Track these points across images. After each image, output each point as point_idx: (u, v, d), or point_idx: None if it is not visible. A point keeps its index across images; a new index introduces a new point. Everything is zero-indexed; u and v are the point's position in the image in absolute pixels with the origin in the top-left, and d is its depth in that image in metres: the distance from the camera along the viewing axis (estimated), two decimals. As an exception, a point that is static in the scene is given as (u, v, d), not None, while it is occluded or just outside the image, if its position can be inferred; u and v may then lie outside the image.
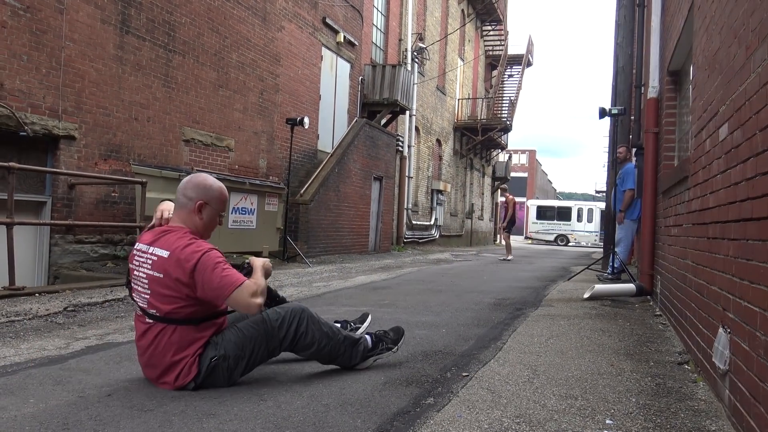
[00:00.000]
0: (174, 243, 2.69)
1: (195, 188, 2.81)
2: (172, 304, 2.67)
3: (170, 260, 2.65)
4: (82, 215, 7.73)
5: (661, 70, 5.93)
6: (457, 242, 25.66)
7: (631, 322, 5.06)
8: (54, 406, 2.48)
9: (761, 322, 2.05)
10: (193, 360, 2.71)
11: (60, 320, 4.62)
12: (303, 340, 2.90)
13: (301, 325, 2.88)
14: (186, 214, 2.81)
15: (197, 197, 2.79)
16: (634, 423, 2.48)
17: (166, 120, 9.12)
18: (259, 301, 2.67)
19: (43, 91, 7.14)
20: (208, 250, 2.68)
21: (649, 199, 6.35)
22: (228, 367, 2.74)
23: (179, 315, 2.69)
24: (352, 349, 3.09)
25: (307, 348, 2.94)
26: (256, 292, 2.67)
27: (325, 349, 2.98)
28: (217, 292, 2.63)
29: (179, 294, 2.65)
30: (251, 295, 2.65)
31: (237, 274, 2.68)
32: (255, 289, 2.67)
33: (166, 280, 2.65)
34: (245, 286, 2.65)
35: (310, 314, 2.94)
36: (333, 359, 3.07)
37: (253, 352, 2.79)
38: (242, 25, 10.88)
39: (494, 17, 28.61)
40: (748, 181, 2.28)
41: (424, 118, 21.13)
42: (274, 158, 12.14)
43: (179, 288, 2.64)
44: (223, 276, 2.63)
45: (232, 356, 2.74)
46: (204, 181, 2.85)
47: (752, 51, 2.29)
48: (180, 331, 2.69)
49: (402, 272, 9.75)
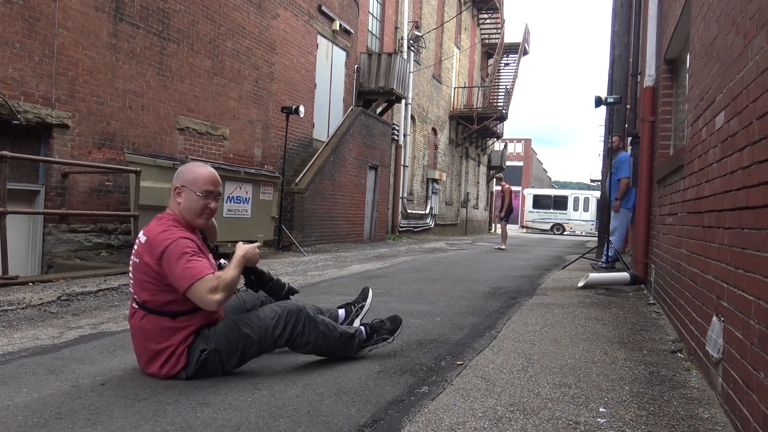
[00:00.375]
0: (153, 229, 2.72)
1: (177, 175, 2.87)
2: (147, 291, 2.68)
3: (145, 245, 2.68)
4: (75, 204, 7.69)
5: (657, 59, 5.91)
6: (452, 231, 25.68)
7: (625, 311, 5.08)
8: (47, 396, 2.48)
9: (755, 311, 2.05)
10: (182, 350, 2.70)
11: (53, 309, 4.60)
12: (299, 340, 2.88)
13: (297, 326, 2.85)
14: (172, 201, 2.86)
15: (175, 183, 2.85)
16: (627, 411, 2.49)
17: (161, 108, 9.06)
18: (218, 297, 2.55)
19: (36, 79, 7.08)
20: (178, 238, 2.64)
21: (644, 188, 6.35)
22: (220, 360, 2.74)
23: (155, 304, 2.68)
24: (347, 344, 3.08)
25: (303, 346, 2.94)
26: (216, 288, 2.55)
27: (321, 347, 2.98)
28: (177, 284, 2.59)
29: (152, 280, 2.66)
30: (209, 290, 2.54)
31: (200, 267, 2.58)
32: (215, 284, 2.55)
33: (141, 265, 2.69)
34: (204, 281, 2.55)
35: (307, 314, 2.90)
36: (329, 354, 3.07)
37: (245, 348, 2.77)
38: (237, 12, 10.79)
39: (491, 5, 28.49)
40: (744, 170, 2.28)
41: (419, 106, 21.08)
42: (269, 147, 12.10)
43: (151, 274, 2.65)
44: (185, 267, 2.56)
45: (223, 350, 2.73)
46: (185, 168, 2.90)
47: (750, 39, 2.27)
48: (158, 320, 2.69)
49: (397, 261, 9.75)
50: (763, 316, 1.95)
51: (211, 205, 2.85)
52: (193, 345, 2.72)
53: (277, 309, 2.86)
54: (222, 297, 2.58)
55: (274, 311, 2.85)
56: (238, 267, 2.70)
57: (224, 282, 2.59)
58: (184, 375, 2.72)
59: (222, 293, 2.57)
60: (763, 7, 2.10)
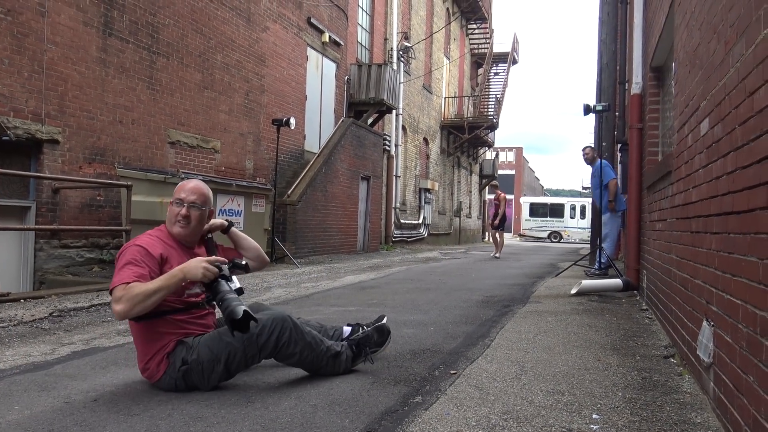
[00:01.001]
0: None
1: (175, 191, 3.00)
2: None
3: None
4: (67, 219, 7.66)
5: (644, 67, 5.97)
6: (445, 240, 25.70)
7: (617, 317, 5.10)
8: (39, 413, 2.47)
9: (743, 315, 2.07)
10: (160, 358, 2.73)
11: (46, 326, 4.58)
12: (285, 350, 2.84)
13: (283, 335, 2.81)
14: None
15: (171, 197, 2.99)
16: (620, 417, 2.50)
17: (151, 122, 9.06)
18: (118, 308, 2.51)
19: (26, 94, 7.07)
20: (131, 245, 2.75)
21: (634, 195, 6.39)
22: (203, 371, 2.72)
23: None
24: (334, 361, 3.03)
25: (289, 357, 2.90)
26: (120, 299, 2.52)
27: (307, 359, 2.93)
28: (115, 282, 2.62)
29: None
30: (114, 300, 2.54)
31: (121, 276, 2.59)
32: (120, 295, 2.52)
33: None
34: (114, 291, 2.56)
35: (293, 323, 2.87)
36: (316, 370, 3.01)
37: (229, 358, 2.74)
38: (226, 26, 10.83)
39: (479, 15, 28.68)
40: (729, 175, 2.30)
41: (410, 117, 21.15)
42: (261, 159, 12.10)
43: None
44: (115, 275, 2.64)
45: (206, 361, 2.72)
46: (181, 184, 3.02)
47: (731, 46, 2.31)
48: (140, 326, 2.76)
49: (390, 271, 9.75)
50: (751, 320, 1.97)
51: (182, 211, 2.89)
52: (174, 353, 2.73)
53: (262, 317, 2.84)
54: (121, 308, 2.52)
55: (258, 320, 2.82)
56: (165, 281, 2.61)
57: (130, 294, 2.52)
58: (170, 384, 2.73)
59: (122, 304, 2.51)
60: (742, 15, 2.14)
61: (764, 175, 1.84)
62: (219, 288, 2.67)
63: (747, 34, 2.07)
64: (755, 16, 1.96)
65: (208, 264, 2.66)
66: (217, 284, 2.67)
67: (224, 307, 2.61)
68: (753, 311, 1.95)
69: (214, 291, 2.68)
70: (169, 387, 2.74)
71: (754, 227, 1.96)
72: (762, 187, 1.87)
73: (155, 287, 2.57)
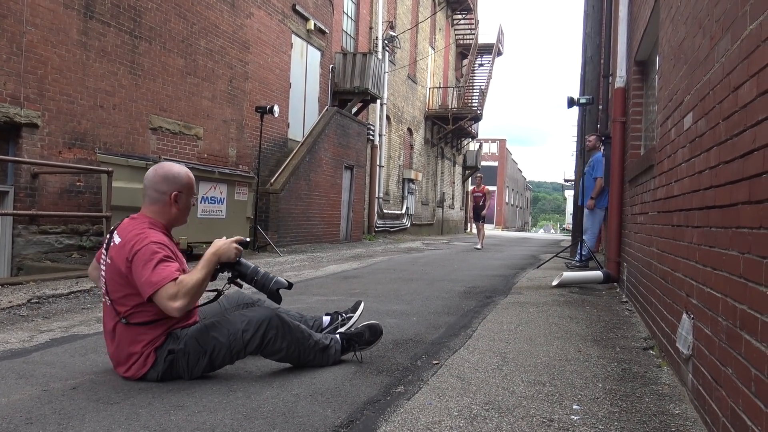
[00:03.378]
0: (127, 230, 2.69)
1: (165, 181, 2.79)
2: (119, 293, 2.65)
3: (119, 247, 2.65)
4: (46, 205, 7.55)
5: (628, 60, 6.00)
6: (428, 231, 25.76)
7: (598, 309, 5.14)
8: (17, 401, 2.43)
9: (723, 308, 2.10)
10: (149, 352, 2.68)
11: (24, 312, 4.52)
12: (271, 346, 2.83)
13: (269, 331, 2.79)
14: (160, 207, 2.80)
15: (170, 189, 2.79)
16: (600, 408, 2.52)
17: (133, 108, 8.95)
18: (177, 304, 2.49)
19: (4, 77, 6.94)
20: (149, 242, 2.61)
21: (616, 188, 6.44)
22: (187, 363, 2.71)
23: (127, 307, 2.64)
24: (322, 354, 3.01)
25: (275, 353, 2.88)
26: (176, 295, 2.49)
27: (294, 353, 2.91)
28: (142, 290, 2.56)
29: (123, 282, 2.63)
30: (169, 298, 2.49)
31: (165, 273, 2.53)
32: (174, 291, 2.49)
33: (113, 267, 2.66)
34: (165, 288, 2.50)
35: (280, 320, 2.84)
36: (303, 364, 2.98)
37: (213, 352, 2.72)
38: (210, 11, 10.70)
39: (465, 6, 28.64)
40: (712, 170, 2.32)
41: (395, 106, 21.11)
42: (244, 147, 12.01)
43: (122, 276, 2.63)
44: (152, 273, 2.52)
45: (192, 353, 2.70)
46: (171, 171, 2.83)
47: (716, 41, 2.32)
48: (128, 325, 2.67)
49: (373, 261, 9.75)
50: (731, 313, 1.99)
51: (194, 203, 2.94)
52: (162, 346, 2.69)
53: (249, 313, 2.83)
54: (182, 304, 2.51)
55: (244, 315, 2.81)
56: (206, 267, 2.62)
57: (185, 287, 2.52)
58: (154, 375, 2.70)
59: (182, 300, 2.50)
60: (728, 10, 2.15)
61: (747, 169, 1.86)
62: (246, 265, 2.81)
63: (732, 29, 2.08)
64: (741, 12, 1.97)
65: (236, 244, 2.75)
66: (240, 262, 2.79)
67: (264, 279, 2.79)
68: (733, 304, 1.97)
69: (242, 269, 2.79)
70: (151, 378, 2.71)
71: (736, 221, 1.98)
72: (744, 182, 1.89)
73: (203, 276, 2.60)
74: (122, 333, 2.68)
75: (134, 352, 2.68)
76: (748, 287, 1.81)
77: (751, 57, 1.85)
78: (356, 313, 3.47)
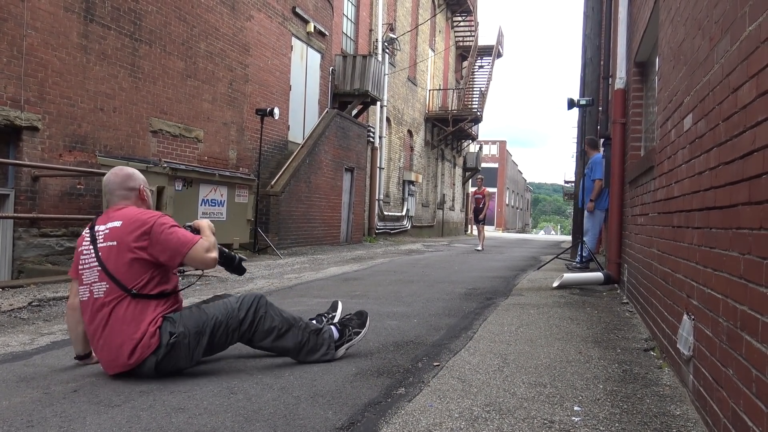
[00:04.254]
0: (128, 214, 2.85)
1: (130, 179, 2.98)
2: (128, 269, 2.74)
3: (124, 227, 2.78)
4: (46, 208, 7.56)
5: (628, 62, 6.00)
6: (428, 233, 25.76)
7: (598, 310, 5.14)
8: (18, 404, 2.43)
9: (724, 309, 2.09)
10: (153, 331, 2.73)
11: (24, 315, 4.52)
12: (262, 325, 2.97)
13: (260, 309, 2.99)
14: (132, 203, 2.96)
15: (136, 184, 3.00)
16: (601, 409, 2.52)
17: (133, 110, 8.96)
18: (214, 255, 2.88)
19: (4, 80, 6.94)
20: (160, 215, 2.88)
21: (616, 189, 6.44)
22: (189, 344, 2.79)
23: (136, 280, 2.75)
24: (316, 337, 3.13)
25: (268, 334, 2.99)
26: (210, 248, 2.87)
27: (286, 334, 3.03)
28: (175, 250, 2.78)
29: (134, 257, 2.74)
30: (206, 250, 2.84)
31: (190, 234, 2.87)
32: (208, 245, 2.86)
33: (120, 246, 2.75)
34: (200, 244, 2.83)
35: (268, 301, 3.06)
36: (299, 349, 3.07)
37: (214, 330, 2.85)
38: (210, 14, 10.72)
39: (464, 8, 28.67)
40: (712, 171, 2.32)
41: (395, 108, 21.12)
42: (244, 149, 12.02)
43: (133, 251, 2.74)
44: (180, 236, 2.81)
45: (192, 332, 2.80)
46: (129, 171, 3.03)
47: (715, 42, 2.32)
48: (133, 304, 2.73)
49: (374, 263, 9.75)
50: (731, 314, 1.99)
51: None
52: (162, 327, 2.76)
53: (239, 295, 3.07)
54: (215, 254, 2.90)
55: (236, 297, 3.05)
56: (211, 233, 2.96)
57: (213, 242, 2.91)
58: (153, 360, 2.72)
59: (214, 252, 2.90)
60: (727, 11, 2.15)
61: (747, 170, 1.86)
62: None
63: (732, 30, 2.08)
64: (740, 13, 1.97)
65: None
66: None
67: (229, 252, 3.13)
68: (734, 305, 1.97)
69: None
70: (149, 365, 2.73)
71: (736, 222, 1.98)
72: (744, 183, 1.89)
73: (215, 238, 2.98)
74: (124, 314, 2.71)
75: (136, 335, 2.70)
76: (749, 288, 1.81)
77: (750, 58, 1.86)
78: (337, 312, 3.63)
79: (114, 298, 2.73)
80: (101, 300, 2.74)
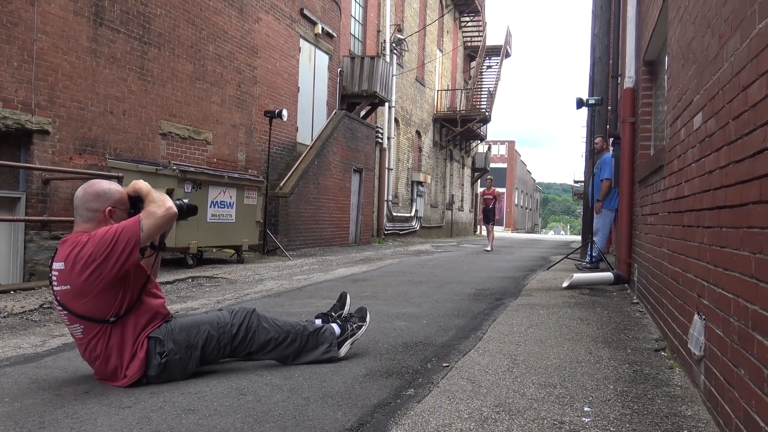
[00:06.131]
0: (66, 251, 2.60)
1: (96, 199, 2.72)
2: (96, 303, 2.60)
3: (69, 269, 2.57)
4: (57, 210, 7.61)
5: (637, 60, 5.97)
6: (437, 233, 25.74)
7: (609, 310, 5.12)
8: (30, 405, 2.45)
9: (735, 309, 2.08)
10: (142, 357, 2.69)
11: (36, 317, 4.55)
12: (257, 338, 2.94)
13: (252, 321, 2.94)
14: (94, 226, 2.69)
15: (103, 206, 2.72)
16: (612, 410, 2.51)
17: (143, 113, 9.01)
18: (167, 205, 2.69)
19: (15, 84, 7.00)
20: (102, 228, 2.64)
21: (626, 189, 6.41)
22: (180, 359, 2.76)
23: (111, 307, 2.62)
24: (316, 337, 3.12)
25: (265, 346, 2.97)
26: (157, 205, 2.68)
27: (284, 342, 3.01)
28: (128, 242, 2.55)
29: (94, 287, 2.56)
30: (160, 205, 2.68)
31: (130, 219, 2.67)
32: (153, 207, 2.68)
33: (74, 289, 2.58)
34: (145, 213, 2.65)
35: (260, 314, 3.01)
36: (301, 353, 3.07)
37: (205, 343, 2.81)
38: (218, 16, 10.76)
39: (472, 8, 28.62)
40: (722, 170, 2.31)
41: (403, 109, 21.12)
42: (253, 151, 12.06)
43: (93, 285, 2.56)
44: (124, 228, 2.59)
45: (183, 346, 2.76)
46: (100, 188, 2.76)
47: (725, 41, 2.31)
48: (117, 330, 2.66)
49: (383, 264, 9.75)
50: (743, 314, 1.98)
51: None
52: (149, 349, 2.70)
53: (231, 309, 3.01)
54: (169, 203, 2.72)
55: (228, 310, 2.99)
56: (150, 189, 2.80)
57: (157, 197, 2.74)
58: (145, 380, 2.72)
59: (166, 202, 2.71)
60: (737, 9, 2.14)
61: (757, 169, 1.85)
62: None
63: (741, 28, 2.07)
64: (750, 11, 1.96)
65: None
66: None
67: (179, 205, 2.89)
68: (745, 305, 1.96)
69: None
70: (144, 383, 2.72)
71: (746, 221, 1.96)
72: (755, 182, 1.87)
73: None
74: (108, 343, 2.66)
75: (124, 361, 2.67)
76: (760, 287, 1.80)
77: (760, 56, 1.84)
78: (345, 309, 3.59)
79: (95, 334, 2.64)
80: (84, 339, 2.67)
